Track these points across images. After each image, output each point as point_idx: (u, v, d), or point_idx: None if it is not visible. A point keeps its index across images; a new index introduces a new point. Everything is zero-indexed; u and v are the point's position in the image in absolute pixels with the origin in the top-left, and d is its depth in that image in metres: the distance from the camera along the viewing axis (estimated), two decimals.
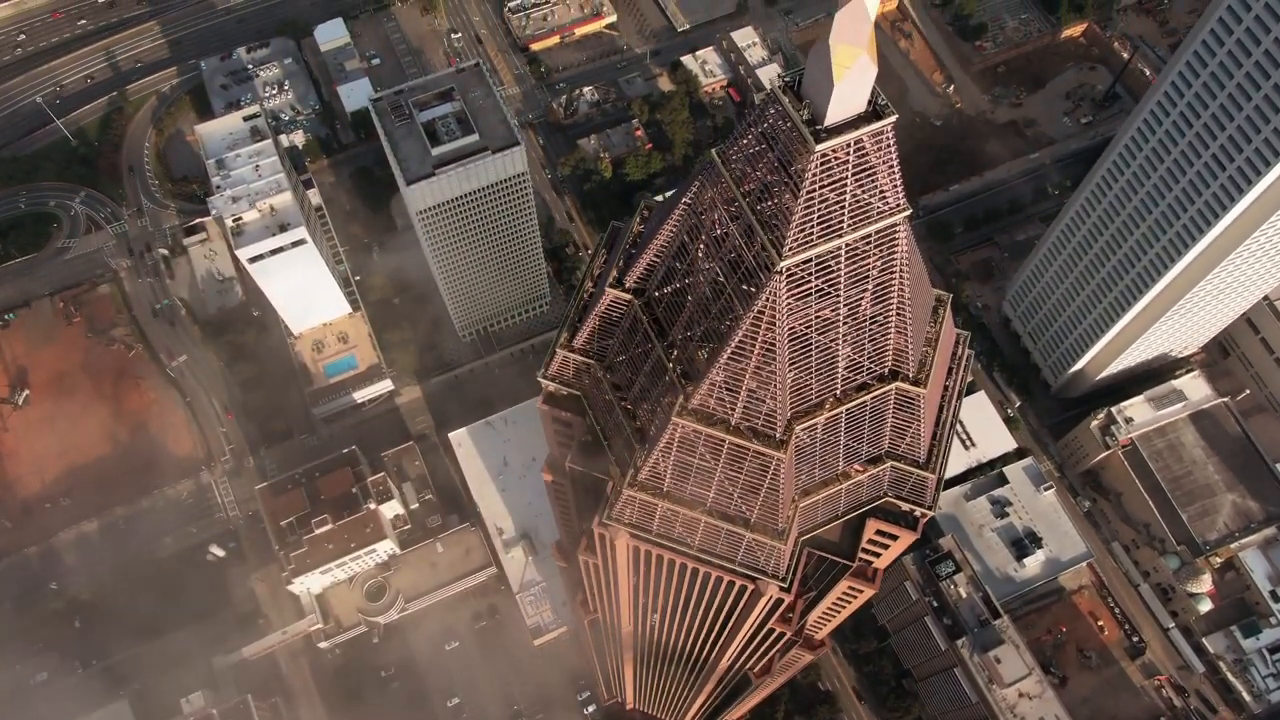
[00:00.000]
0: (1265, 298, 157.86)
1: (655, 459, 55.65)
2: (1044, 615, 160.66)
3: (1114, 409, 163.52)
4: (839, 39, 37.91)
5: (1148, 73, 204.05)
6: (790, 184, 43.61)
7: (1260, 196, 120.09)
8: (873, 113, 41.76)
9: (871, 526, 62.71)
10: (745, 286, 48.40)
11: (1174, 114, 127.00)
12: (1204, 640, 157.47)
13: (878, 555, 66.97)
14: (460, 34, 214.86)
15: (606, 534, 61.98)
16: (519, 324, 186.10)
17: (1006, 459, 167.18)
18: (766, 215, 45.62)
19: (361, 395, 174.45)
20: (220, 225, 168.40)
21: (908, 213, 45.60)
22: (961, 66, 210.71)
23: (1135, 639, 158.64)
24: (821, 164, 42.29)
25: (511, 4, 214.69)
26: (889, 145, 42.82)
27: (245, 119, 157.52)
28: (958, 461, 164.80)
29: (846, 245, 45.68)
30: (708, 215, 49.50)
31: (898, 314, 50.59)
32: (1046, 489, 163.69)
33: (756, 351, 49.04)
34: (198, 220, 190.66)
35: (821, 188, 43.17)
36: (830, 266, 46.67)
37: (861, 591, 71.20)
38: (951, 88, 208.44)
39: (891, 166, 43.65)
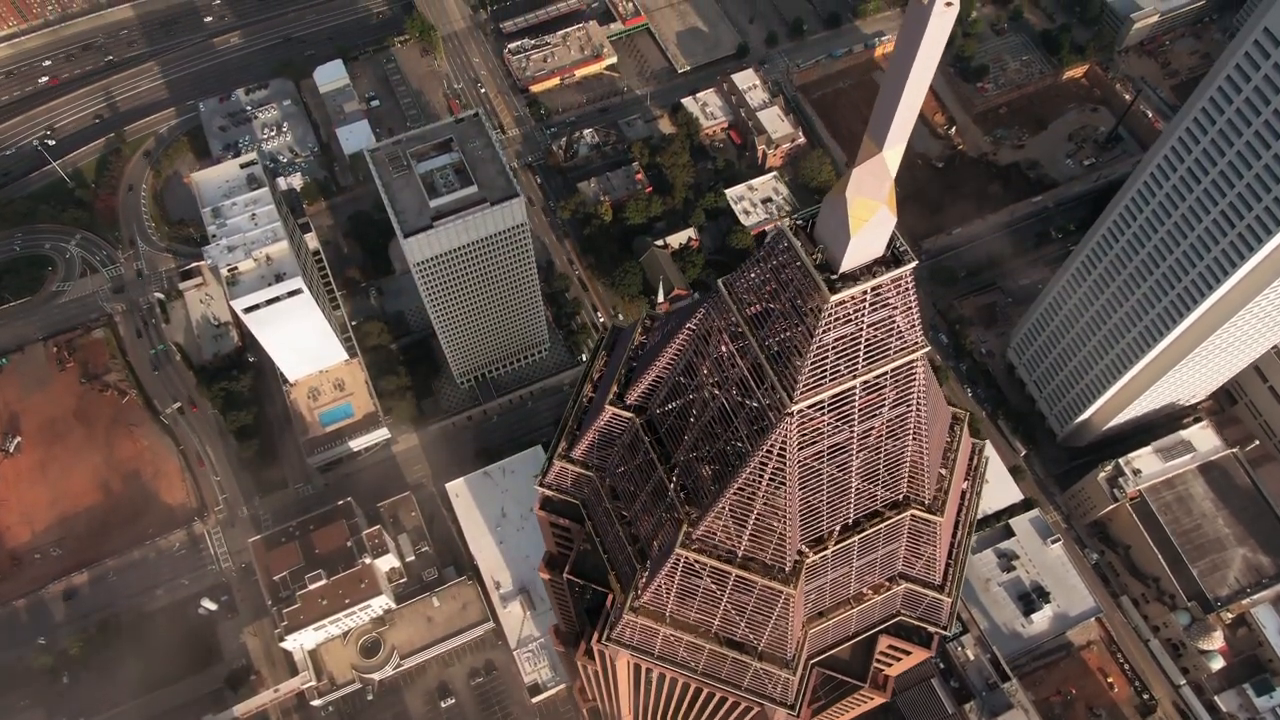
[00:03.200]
0: (1274, 347, 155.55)
1: (658, 584, 53.07)
2: (1052, 672, 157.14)
3: (1122, 460, 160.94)
4: (857, 192, 35.65)
5: (1150, 114, 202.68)
6: (802, 325, 41.36)
7: (1277, 248, 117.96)
8: (892, 258, 39.53)
9: (884, 642, 60.09)
10: (752, 404, 46.06)
11: (1181, 169, 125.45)
12: (1216, 698, 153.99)
13: (889, 665, 64.32)
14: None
15: (606, 652, 59.31)
16: (517, 370, 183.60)
17: (1012, 510, 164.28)
18: (776, 351, 43.34)
19: (358, 444, 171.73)
20: (215, 275, 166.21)
21: (926, 350, 43.32)
22: (963, 108, 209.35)
23: (1146, 696, 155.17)
24: (836, 309, 40.03)
25: (511, 45, 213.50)
26: (908, 289, 40.54)
27: (242, 166, 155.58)
28: None
29: (861, 383, 43.39)
30: (714, 343, 47.20)
31: (914, 442, 48.24)
32: (1054, 541, 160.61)
33: (764, 485, 46.70)
34: (194, 264, 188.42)
35: (836, 330, 40.93)
36: (844, 401, 44.35)
37: (872, 698, 68.34)
38: (953, 129, 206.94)
39: (910, 308, 41.40)
